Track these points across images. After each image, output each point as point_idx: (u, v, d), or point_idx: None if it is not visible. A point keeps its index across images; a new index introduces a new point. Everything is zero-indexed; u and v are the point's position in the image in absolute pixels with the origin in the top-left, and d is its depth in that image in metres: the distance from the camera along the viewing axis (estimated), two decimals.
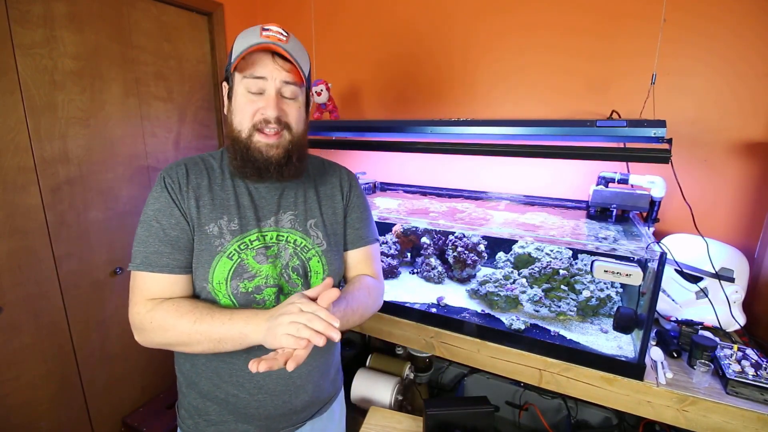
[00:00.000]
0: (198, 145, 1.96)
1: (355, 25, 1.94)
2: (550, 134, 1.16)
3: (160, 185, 0.75)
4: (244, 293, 0.74)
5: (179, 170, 0.76)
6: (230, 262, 0.74)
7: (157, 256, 0.71)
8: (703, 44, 1.32)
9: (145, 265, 0.71)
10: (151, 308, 0.70)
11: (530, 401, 1.55)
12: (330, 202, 0.88)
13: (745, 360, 1.00)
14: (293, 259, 0.79)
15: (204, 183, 0.77)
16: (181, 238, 0.73)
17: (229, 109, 0.77)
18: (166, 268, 0.71)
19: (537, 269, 1.37)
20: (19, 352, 1.37)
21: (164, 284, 0.72)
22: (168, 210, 0.73)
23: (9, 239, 1.31)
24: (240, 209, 0.77)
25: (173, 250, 0.72)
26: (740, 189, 1.35)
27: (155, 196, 0.74)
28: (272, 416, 0.80)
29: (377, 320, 1.36)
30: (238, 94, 0.74)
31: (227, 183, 0.79)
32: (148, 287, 0.72)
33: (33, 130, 1.35)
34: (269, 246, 0.77)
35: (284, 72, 0.72)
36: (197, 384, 0.80)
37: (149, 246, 0.72)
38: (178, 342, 0.70)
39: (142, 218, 0.74)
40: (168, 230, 0.72)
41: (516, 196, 1.66)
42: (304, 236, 0.81)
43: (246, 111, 0.73)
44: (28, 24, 1.30)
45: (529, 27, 1.57)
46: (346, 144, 1.67)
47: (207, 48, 1.96)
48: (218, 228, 0.74)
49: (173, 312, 0.69)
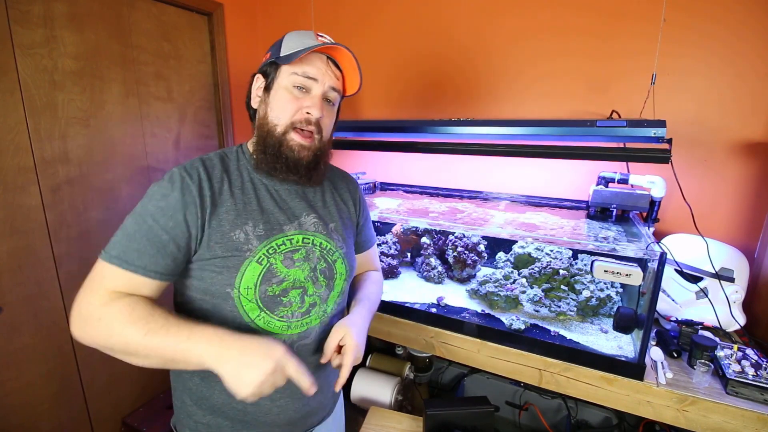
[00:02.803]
0: (198, 145, 1.96)
1: (355, 26, 1.94)
2: (550, 134, 1.17)
3: (175, 184, 0.68)
4: (272, 296, 0.73)
5: (200, 173, 0.71)
6: (260, 266, 0.71)
7: (138, 255, 0.65)
8: (703, 44, 1.32)
9: (120, 261, 0.64)
10: (106, 301, 0.63)
11: (530, 401, 1.55)
12: (344, 206, 0.90)
13: (745, 360, 1.00)
14: (321, 262, 0.79)
15: (225, 188, 0.73)
16: (170, 243, 0.67)
17: (265, 101, 0.75)
18: (141, 269, 0.65)
19: (537, 269, 1.37)
20: (19, 352, 1.37)
21: (134, 285, 0.65)
22: (171, 212, 0.67)
23: (9, 239, 1.31)
24: (264, 214, 0.75)
25: (157, 252, 0.66)
26: (740, 189, 1.35)
27: (164, 192, 0.67)
28: (292, 420, 0.80)
29: (377, 320, 1.36)
30: (281, 88, 0.73)
31: (247, 186, 0.76)
32: (114, 283, 0.65)
33: (33, 130, 1.35)
34: (296, 249, 0.76)
35: (334, 78, 0.76)
36: (208, 399, 0.76)
37: (133, 241, 0.65)
38: (122, 351, 0.62)
39: (138, 209, 0.68)
40: (160, 231, 0.66)
41: (516, 196, 1.66)
42: (328, 239, 0.81)
43: (288, 106, 0.73)
44: (28, 24, 1.30)
45: (528, 27, 1.57)
46: (346, 144, 1.67)
47: (207, 48, 1.96)
48: (244, 234, 0.71)
49: (126, 315, 0.61)
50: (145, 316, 0.62)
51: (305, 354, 0.78)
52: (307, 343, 0.78)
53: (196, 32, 1.91)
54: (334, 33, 2.00)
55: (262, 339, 0.64)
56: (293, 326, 0.75)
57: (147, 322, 0.61)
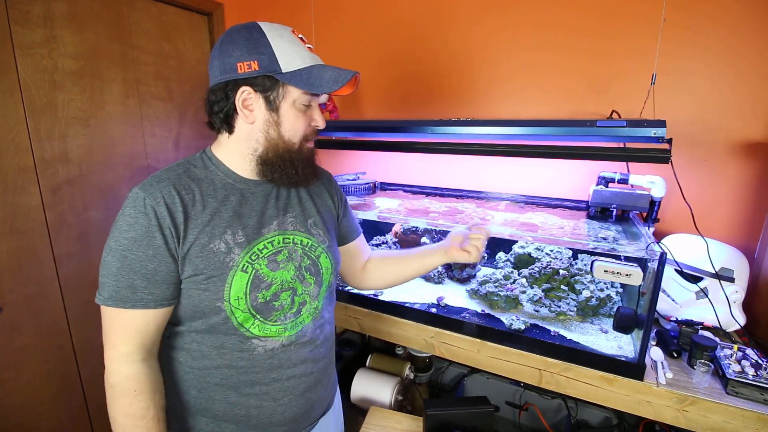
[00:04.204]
0: (198, 145, 1.97)
1: (355, 25, 1.94)
2: (550, 134, 1.16)
3: (138, 209, 0.65)
4: (264, 303, 0.73)
5: (165, 190, 0.67)
6: (245, 275, 0.71)
7: (131, 291, 0.65)
8: (703, 44, 1.32)
9: (114, 300, 0.65)
10: (120, 364, 0.66)
11: (530, 401, 1.55)
12: (320, 200, 0.90)
13: (745, 360, 1.00)
14: (304, 260, 0.79)
15: (197, 198, 0.70)
16: (159, 270, 0.65)
17: (274, 119, 0.72)
18: (140, 303, 0.65)
19: (537, 269, 1.37)
20: (19, 352, 1.37)
21: (138, 319, 0.67)
22: (146, 240, 0.64)
23: (9, 239, 1.31)
24: (241, 219, 0.73)
25: (149, 283, 0.65)
26: (740, 189, 1.35)
27: (130, 221, 0.65)
28: (297, 417, 0.80)
29: (377, 320, 1.36)
30: (292, 107, 0.72)
31: (220, 193, 0.73)
32: (123, 325, 0.66)
33: (33, 130, 1.35)
34: (278, 251, 0.76)
35: None
36: (209, 409, 0.75)
37: (121, 280, 0.64)
38: (111, 419, 0.68)
39: (112, 244, 0.65)
40: (144, 262, 0.64)
41: (516, 196, 1.66)
42: (308, 236, 0.81)
43: (301, 123, 0.74)
44: (28, 24, 1.30)
45: (529, 27, 1.57)
46: (346, 144, 1.67)
47: (207, 48, 1.96)
48: (225, 244, 0.70)
49: (125, 404, 0.66)
50: (137, 418, 0.67)
51: (303, 351, 0.79)
52: (304, 341, 0.79)
53: (196, 32, 1.91)
54: (334, 32, 2.02)
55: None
56: (289, 327, 0.76)
57: (134, 425, 0.67)
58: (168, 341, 0.76)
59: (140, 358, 0.68)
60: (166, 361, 0.76)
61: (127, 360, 0.67)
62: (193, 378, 0.75)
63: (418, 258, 0.98)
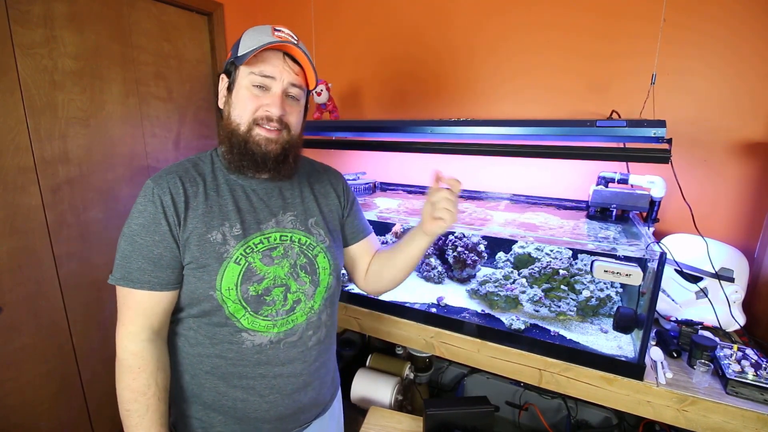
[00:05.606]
0: (198, 145, 1.97)
1: (356, 25, 1.94)
2: (550, 134, 1.16)
3: (147, 197, 0.72)
4: (255, 296, 0.74)
5: (171, 181, 0.73)
6: (238, 267, 0.73)
7: (140, 273, 0.70)
8: (703, 44, 1.32)
9: (125, 281, 0.70)
10: (128, 342, 0.71)
11: (530, 401, 1.55)
12: (326, 200, 0.90)
13: (745, 360, 1.00)
14: (300, 258, 0.80)
15: (200, 191, 0.75)
16: (165, 255, 0.71)
17: (228, 101, 0.77)
18: (147, 285, 0.71)
19: (537, 269, 1.37)
20: (19, 352, 1.37)
21: (145, 300, 0.71)
22: (153, 226, 0.70)
23: (9, 239, 1.31)
24: (240, 213, 0.76)
25: (155, 267, 0.71)
26: (740, 189, 1.35)
27: (140, 209, 0.72)
28: (283, 416, 0.80)
29: (377, 320, 1.36)
30: (241, 87, 0.74)
31: (223, 188, 0.77)
32: (129, 305, 0.72)
33: (33, 130, 1.35)
34: (274, 247, 0.77)
35: (293, 74, 0.75)
36: (199, 396, 0.78)
37: (131, 262, 0.70)
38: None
39: (125, 230, 0.72)
40: (151, 247, 0.70)
41: (516, 196, 1.66)
42: (307, 235, 0.82)
43: (248, 105, 0.74)
44: (28, 24, 1.30)
45: (529, 27, 1.57)
46: (346, 144, 1.67)
47: (207, 48, 1.96)
48: (221, 235, 0.73)
49: (129, 380, 0.71)
50: (139, 393, 0.70)
51: (292, 351, 0.79)
52: (293, 340, 0.78)
53: (196, 32, 1.91)
54: (334, 32, 2.02)
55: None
56: (278, 324, 0.76)
57: (135, 400, 0.70)
58: (171, 326, 0.79)
59: (146, 337, 0.72)
60: (169, 346, 0.78)
61: (133, 338, 0.71)
62: (188, 364, 0.78)
63: (401, 249, 0.91)
